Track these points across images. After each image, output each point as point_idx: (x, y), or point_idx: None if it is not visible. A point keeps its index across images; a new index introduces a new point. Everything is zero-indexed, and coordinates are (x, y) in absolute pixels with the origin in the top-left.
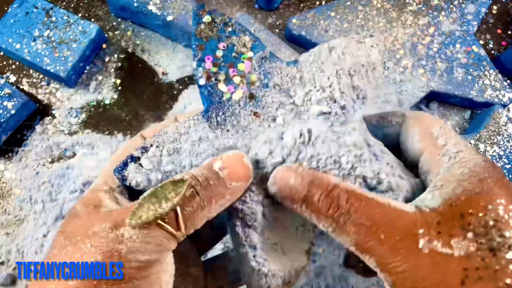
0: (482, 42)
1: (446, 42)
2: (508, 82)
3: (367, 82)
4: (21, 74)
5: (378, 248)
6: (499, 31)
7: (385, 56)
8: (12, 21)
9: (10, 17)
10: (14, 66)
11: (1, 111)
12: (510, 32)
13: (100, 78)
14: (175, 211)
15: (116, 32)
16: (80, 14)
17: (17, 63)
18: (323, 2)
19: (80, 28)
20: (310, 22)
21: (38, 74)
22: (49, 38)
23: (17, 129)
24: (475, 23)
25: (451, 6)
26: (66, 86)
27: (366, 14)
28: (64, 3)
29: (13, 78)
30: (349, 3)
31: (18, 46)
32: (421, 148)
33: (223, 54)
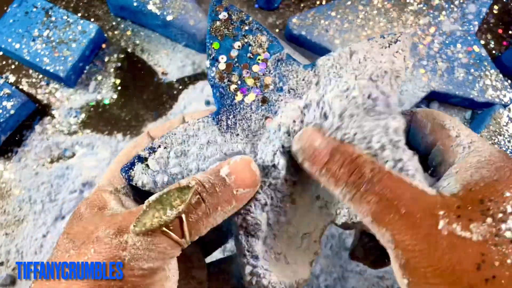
0: (483, 42)
1: (447, 42)
2: (509, 82)
3: (390, 90)
4: (20, 74)
5: (397, 222)
6: (500, 31)
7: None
8: (11, 20)
9: (10, 16)
10: (13, 66)
11: (0, 111)
12: (511, 32)
13: (99, 78)
14: (180, 218)
15: (115, 32)
16: (79, 14)
17: (16, 63)
18: (324, 2)
19: (79, 28)
20: (310, 21)
21: (37, 74)
22: (48, 38)
23: (16, 129)
24: (476, 23)
25: (452, 6)
26: (65, 86)
27: (366, 14)
28: (63, 3)
29: (12, 78)
30: (349, 3)
31: (18, 46)
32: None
33: (238, 54)
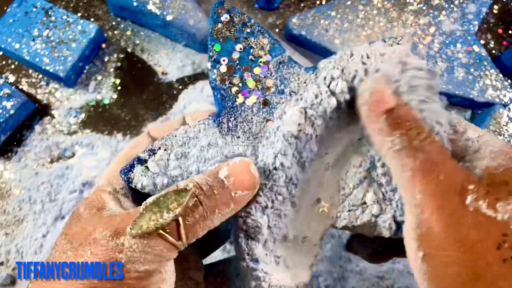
0: (483, 42)
1: (447, 42)
2: (509, 82)
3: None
4: (20, 74)
5: (433, 186)
6: (500, 31)
7: None
8: (11, 20)
9: (9, 16)
10: (13, 66)
11: (0, 111)
12: (511, 32)
13: (99, 78)
14: (177, 221)
15: (115, 31)
16: (79, 14)
17: (16, 63)
18: (323, 2)
19: (79, 27)
20: (310, 21)
21: (37, 74)
22: (48, 37)
23: (16, 129)
24: (476, 23)
25: (452, 6)
26: (65, 86)
27: (366, 14)
28: (63, 3)
29: (12, 78)
30: (349, 3)
31: (17, 46)
32: None
33: (240, 56)
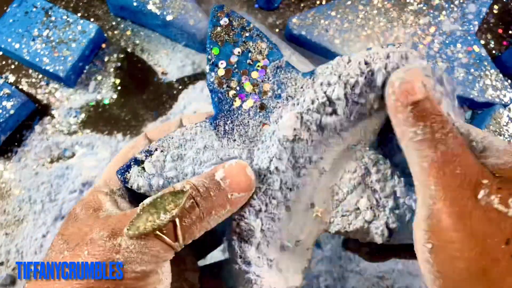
0: (483, 42)
1: (447, 42)
2: (509, 82)
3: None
4: (20, 74)
5: (448, 179)
6: (500, 31)
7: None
8: (11, 20)
9: (9, 16)
10: (13, 66)
11: (0, 111)
12: (511, 32)
13: (99, 78)
14: (174, 222)
15: (115, 31)
16: (79, 14)
17: (16, 63)
18: (324, 2)
19: (79, 27)
20: (311, 21)
21: (37, 74)
22: (48, 37)
23: (16, 129)
24: (476, 23)
25: (452, 6)
26: (65, 86)
27: (366, 14)
28: (63, 3)
29: (12, 78)
30: (349, 3)
31: (17, 46)
32: None
33: (238, 60)
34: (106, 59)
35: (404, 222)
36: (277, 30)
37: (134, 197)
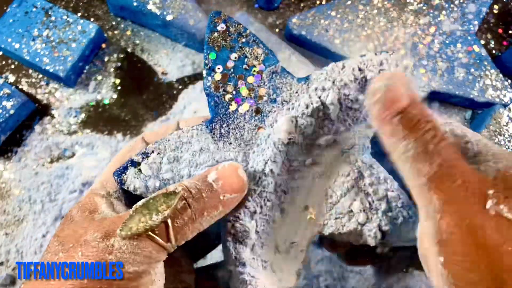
0: (483, 42)
1: (447, 41)
2: (509, 82)
3: None
4: (20, 74)
5: (451, 191)
6: (500, 31)
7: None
8: (11, 20)
9: (9, 16)
10: (13, 66)
11: (0, 111)
12: (511, 32)
13: (99, 78)
14: (166, 223)
15: (115, 31)
16: (79, 14)
17: (16, 63)
18: (324, 2)
19: (79, 27)
20: (311, 21)
21: (37, 74)
22: (48, 37)
23: (16, 129)
24: (476, 23)
25: (452, 6)
26: (65, 86)
27: (366, 14)
28: (63, 3)
29: (12, 78)
30: (349, 3)
31: (17, 46)
32: None
33: (234, 65)
34: (106, 59)
35: (396, 224)
36: (277, 30)
37: (131, 199)
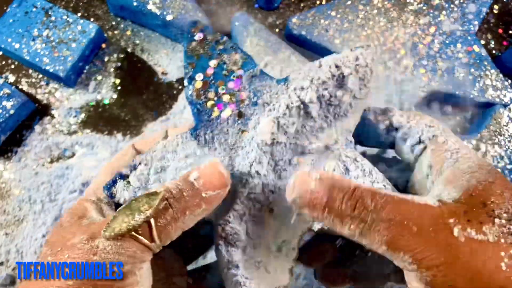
0: (483, 42)
1: (447, 41)
2: (509, 82)
3: (357, 88)
4: (20, 74)
5: (412, 243)
6: (500, 31)
7: (385, 56)
8: (11, 20)
9: (9, 16)
10: (13, 66)
11: (0, 111)
12: (511, 32)
13: (99, 78)
14: (149, 223)
15: (115, 31)
16: (79, 14)
17: (16, 63)
18: (324, 2)
19: (79, 27)
20: (310, 21)
21: (37, 74)
22: (48, 37)
23: (16, 129)
24: (476, 23)
25: (452, 6)
26: (65, 86)
27: (366, 14)
28: (63, 3)
29: (12, 78)
30: (349, 3)
31: (17, 46)
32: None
33: (214, 72)
34: (106, 59)
35: None
36: (277, 30)
37: (120, 205)
